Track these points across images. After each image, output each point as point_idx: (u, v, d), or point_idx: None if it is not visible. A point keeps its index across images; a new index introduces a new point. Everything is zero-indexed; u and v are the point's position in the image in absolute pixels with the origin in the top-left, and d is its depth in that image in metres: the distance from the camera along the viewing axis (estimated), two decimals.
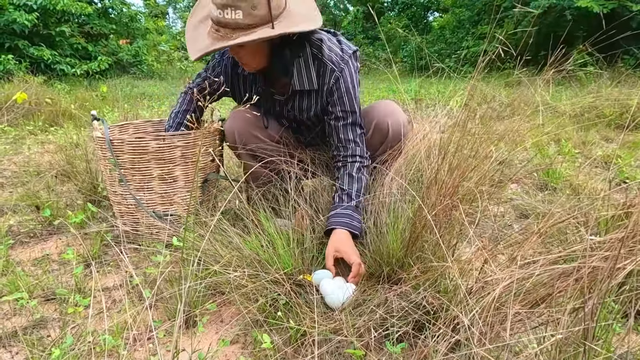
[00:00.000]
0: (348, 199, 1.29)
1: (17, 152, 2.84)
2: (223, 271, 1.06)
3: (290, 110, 1.46)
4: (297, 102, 1.43)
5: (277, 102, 1.47)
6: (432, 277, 0.85)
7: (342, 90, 1.34)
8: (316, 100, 1.40)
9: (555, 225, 0.86)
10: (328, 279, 1.15)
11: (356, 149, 1.36)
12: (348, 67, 1.35)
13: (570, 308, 0.65)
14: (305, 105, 1.42)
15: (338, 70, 1.34)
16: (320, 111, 1.42)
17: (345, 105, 1.35)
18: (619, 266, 0.64)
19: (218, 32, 1.19)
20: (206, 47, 1.21)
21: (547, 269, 0.70)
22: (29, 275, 1.31)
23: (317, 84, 1.36)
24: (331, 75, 1.34)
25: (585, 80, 5.08)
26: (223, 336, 1.05)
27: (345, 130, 1.36)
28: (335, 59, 1.34)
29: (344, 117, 1.36)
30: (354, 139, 1.36)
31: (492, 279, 0.72)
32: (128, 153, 1.39)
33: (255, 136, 1.45)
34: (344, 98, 1.35)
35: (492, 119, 2.41)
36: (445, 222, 1.05)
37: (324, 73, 1.35)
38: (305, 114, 1.45)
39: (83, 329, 1.04)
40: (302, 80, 1.36)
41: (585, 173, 2.16)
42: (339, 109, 1.36)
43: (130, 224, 1.51)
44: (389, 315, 0.87)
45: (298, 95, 1.41)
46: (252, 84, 1.46)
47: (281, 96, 1.43)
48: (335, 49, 1.36)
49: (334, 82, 1.34)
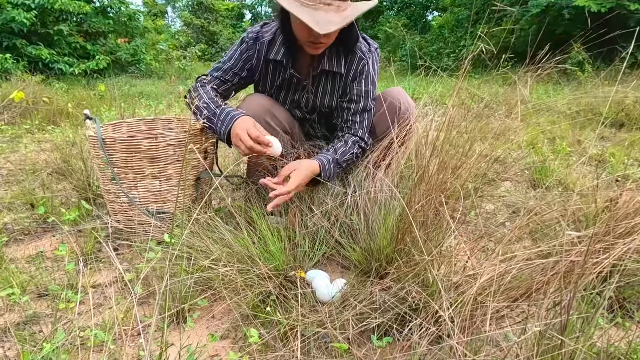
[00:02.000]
0: (333, 151, 1.40)
1: (14, 150, 2.85)
2: (213, 266, 1.07)
3: (312, 93, 1.50)
4: (321, 85, 1.49)
5: (301, 89, 1.51)
6: (416, 271, 0.86)
7: (364, 77, 1.45)
8: (339, 85, 1.48)
9: (541, 221, 0.88)
10: (320, 275, 1.17)
11: (359, 130, 1.46)
12: (372, 58, 1.46)
13: (548, 302, 0.66)
14: (329, 89, 1.49)
15: (366, 59, 1.44)
16: (339, 97, 1.49)
17: (362, 91, 1.45)
18: (596, 261, 0.65)
19: (330, 5, 1.21)
20: (339, 22, 1.20)
21: (527, 263, 0.71)
22: (22, 272, 1.32)
23: (344, 68, 1.45)
24: (359, 63, 1.44)
25: (583, 78, 5.09)
26: (213, 331, 1.07)
27: (355, 113, 1.46)
28: (364, 49, 1.45)
29: (357, 100, 1.45)
30: (360, 121, 1.46)
31: (474, 274, 0.73)
32: (120, 151, 1.40)
33: (268, 123, 1.47)
34: (362, 84, 1.45)
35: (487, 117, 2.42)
36: (433, 219, 1.06)
37: (352, 60, 1.44)
38: (326, 100, 1.51)
39: (75, 325, 1.05)
40: (332, 61, 1.44)
41: (578, 171, 2.17)
42: (355, 93, 1.45)
43: (124, 222, 1.52)
44: (372, 309, 0.88)
45: (324, 78, 1.47)
46: (281, 69, 1.48)
47: (307, 80, 1.48)
48: (362, 41, 1.46)
49: (360, 68, 1.44)
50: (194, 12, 17.25)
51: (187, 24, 16.71)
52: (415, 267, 0.86)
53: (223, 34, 16.29)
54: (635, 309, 1.08)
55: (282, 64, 1.46)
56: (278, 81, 1.49)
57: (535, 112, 3.74)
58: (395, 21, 14.15)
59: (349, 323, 0.86)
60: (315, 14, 1.19)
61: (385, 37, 13.38)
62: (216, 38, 16.45)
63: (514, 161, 2.41)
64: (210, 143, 1.57)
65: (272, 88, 1.52)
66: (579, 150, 2.67)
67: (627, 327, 1.02)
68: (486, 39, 1.04)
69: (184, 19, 16.93)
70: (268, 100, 1.48)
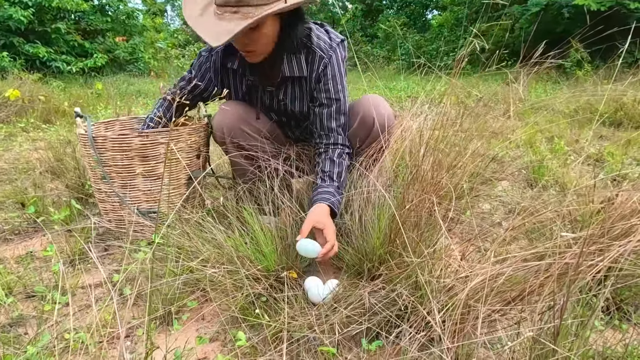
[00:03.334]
0: (330, 180, 1.33)
1: (8, 149, 2.82)
2: (201, 267, 1.05)
3: (282, 100, 1.45)
4: (288, 90, 1.43)
5: (268, 94, 1.46)
6: (407, 273, 0.84)
7: (329, 76, 1.36)
8: (306, 89, 1.41)
9: (537, 221, 0.86)
10: (312, 276, 1.15)
11: (338, 137, 1.39)
12: (336, 54, 1.37)
13: (541, 306, 0.64)
14: (297, 94, 1.43)
15: (327, 57, 1.35)
16: (309, 101, 1.43)
17: (331, 93, 1.37)
18: (591, 263, 0.63)
19: (237, 12, 1.14)
20: (234, 29, 1.12)
21: (521, 265, 0.69)
22: (10, 272, 1.30)
23: (306, 71, 1.37)
24: (320, 62, 1.36)
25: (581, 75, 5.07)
26: (202, 334, 1.05)
27: (330, 117, 1.39)
28: (324, 47, 1.36)
29: (328, 104, 1.38)
30: (336, 127, 1.39)
31: (465, 276, 0.71)
32: (111, 150, 1.38)
33: (244, 131, 1.44)
34: (329, 84, 1.37)
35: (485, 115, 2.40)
36: (427, 219, 1.04)
37: (312, 60, 1.36)
38: (296, 105, 1.45)
39: (61, 327, 1.03)
40: (292, 66, 1.37)
41: (575, 170, 2.15)
42: (324, 96, 1.38)
43: (115, 222, 1.50)
44: (362, 312, 0.86)
45: (289, 84, 1.42)
46: (241, 77, 1.45)
47: (272, 87, 1.43)
48: (323, 37, 1.38)
49: (322, 68, 1.36)
50: None
51: (186, 23, 16.66)
52: (406, 268, 0.84)
53: None
54: (632, 311, 1.06)
55: (239, 72, 1.43)
56: (243, 88, 1.46)
57: (533, 110, 3.72)
58: (394, 20, 14.10)
59: (339, 326, 0.84)
60: (219, 23, 1.15)
61: (384, 35, 13.34)
62: None
63: (512, 160, 2.39)
64: (203, 142, 1.54)
65: (240, 95, 1.49)
66: (577, 149, 2.65)
67: (624, 329, 1.00)
68: (480, 35, 1.01)
69: (183, 18, 16.88)
70: (242, 107, 1.45)
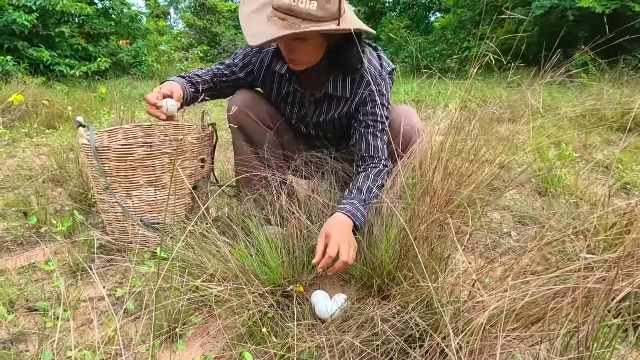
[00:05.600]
0: (358, 192, 1.30)
1: (11, 155, 2.81)
2: (207, 286, 1.02)
3: (315, 113, 1.47)
4: (325, 105, 1.44)
5: (304, 104, 1.47)
6: (420, 296, 0.81)
7: (377, 102, 1.37)
8: (344, 106, 1.42)
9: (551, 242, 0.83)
10: (319, 290, 1.12)
11: (382, 156, 1.39)
12: (385, 83, 1.38)
13: (563, 332, 0.61)
14: (333, 110, 1.44)
15: (375, 84, 1.36)
16: (344, 115, 1.44)
17: (377, 116, 1.38)
18: (616, 288, 0.60)
19: (285, 20, 1.14)
20: (274, 33, 1.14)
21: (539, 289, 0.66)
22: (12, 284, 1.27)
23: (349, 92, 1.39)
24: (366, 87, 1.36)
25: (587, 80, 5.03)
26: (207, 350, 1.02)
27: (374, 137, 1.39)
28: (374, 73, 1.37)
29: (374, 125, 1.38)
30: (381, 147, 1.39)
31: (482, 300, 0.69)
32: (114, 160, 1.36)
33: (248, 115, 1.45)
34: (376, 109, 1.38)
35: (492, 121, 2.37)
36: (437, 234, 1.01)
37: (359, 83, 1.37)
38: (329, 116, 1.46)
39: (62, 343, 1.00)
40: (337, 85, 1.38)
41: (585, 178, 2.12)
42: (370, 118, 1.38)
43: (119, 233, 1.48)
44: (374, 335, 0.83)
45: (328, 99, 1.43)
46: (284, 82, 1.45)
47: (312, 97, 1.44)
48: (374, 62, 1.38)
49: (368, 94, 1.37)
50: (196, 14, 17.20)
51: (189, 25, 16.68)
52: (417, 289, 0.82)
53: (225, 36, 16.24)
54: None
55: (286, 77, 1.43)
56: (282, 93, 1.47)
57: (540, 115, 3.68)
58: (397, 22, 14.09)
59: (347, 350, 0.82)
60: (265, 24, 1.16)
61: (387, 38, 13.34)
62: (218, 39, 16.41)
63: (519, 166, 2.36)
64: (208, 151, 1.52)
65: (277, 99, 1.49)
66: (586, 156, 2.61)
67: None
68: (492, 45, 0.99)
69: (186, 20, 16.88)
70: (253, 93, 1.49)
